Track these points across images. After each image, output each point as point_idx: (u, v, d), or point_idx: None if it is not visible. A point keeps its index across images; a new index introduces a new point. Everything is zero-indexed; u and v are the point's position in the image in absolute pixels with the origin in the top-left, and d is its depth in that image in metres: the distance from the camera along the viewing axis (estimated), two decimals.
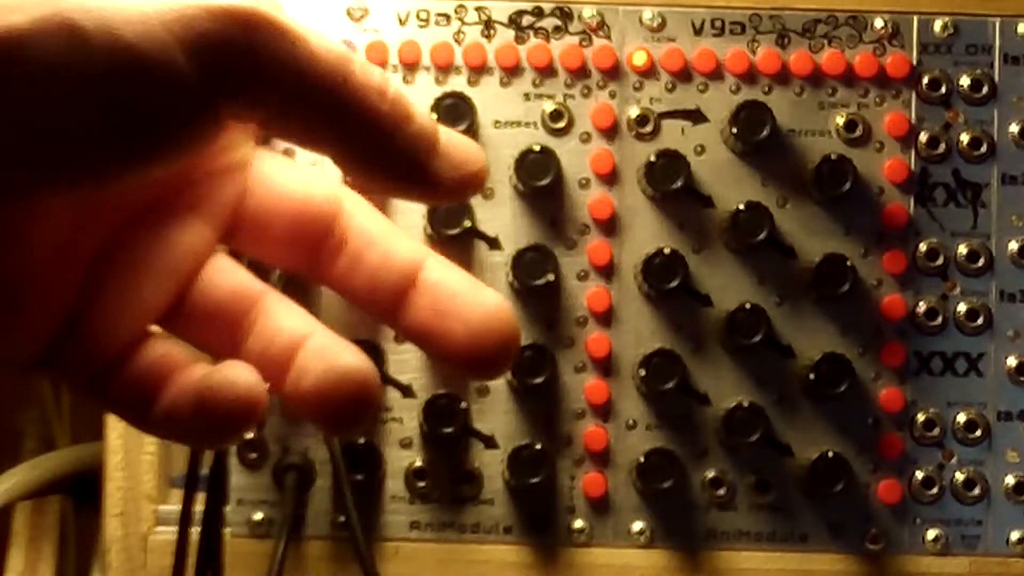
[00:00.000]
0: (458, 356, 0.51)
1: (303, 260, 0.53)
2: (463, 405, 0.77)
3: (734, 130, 0.77)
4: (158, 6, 0.47)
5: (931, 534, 0.78)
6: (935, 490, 0.78)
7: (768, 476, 0.78)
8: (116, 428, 0.77)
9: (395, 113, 0.50)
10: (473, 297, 0.51)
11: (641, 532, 0.78)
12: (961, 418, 0.79)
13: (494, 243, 0.78)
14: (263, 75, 0.48)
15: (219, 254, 0.51)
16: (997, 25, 0.79)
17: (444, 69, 0.78)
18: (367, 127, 0.50)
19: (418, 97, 0.78)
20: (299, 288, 0.77)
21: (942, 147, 0.79)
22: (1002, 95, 0.79)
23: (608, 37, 0.79)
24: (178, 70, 0.46)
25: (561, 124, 0.78)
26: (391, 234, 0.53)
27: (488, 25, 0.79)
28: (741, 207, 0.77)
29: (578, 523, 0.78)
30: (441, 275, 0.52)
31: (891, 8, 0.79)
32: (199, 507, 0.72)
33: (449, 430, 0.77)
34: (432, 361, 0.77)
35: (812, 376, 0.77)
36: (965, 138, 0.79)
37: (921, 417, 0.78)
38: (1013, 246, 0.79)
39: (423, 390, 0.78)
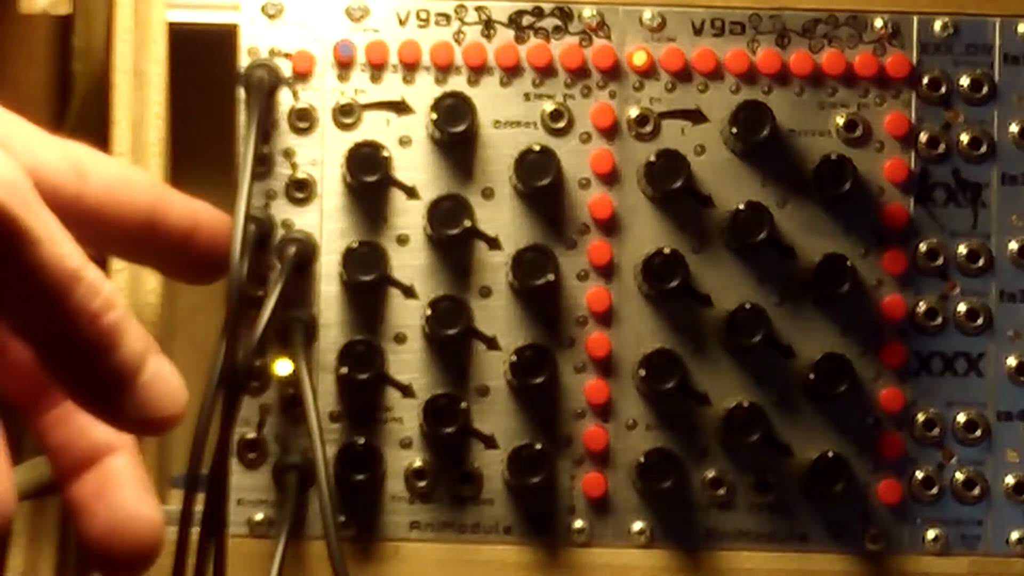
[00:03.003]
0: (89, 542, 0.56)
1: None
2: (463, 405, 0.77)
3: (734, 130, 0.77)
4: None
5: (931, 534, 0.78)
6: (935, 490, 0.78)
7: (768, 476, 0.78)
8: None
9: (99, 341, 0.51)
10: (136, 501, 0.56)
11: (641, 532, 0.78)
12: (961, 418, 0.79)
13: (494, 243, 0.78)
14: None
15: None
16: (997, 25, 0.79)
17: (444, 69, 0.78)
18: (66, 347, 0.51)
19: (418, 97, 0.78)
20: (299, 283, 0.77)
21: (942, 147, 0.79)
22: (1002, 95, 0.79)
23: (608, 37, 0.79)
24: None
25: (561, 124, 0.78)
26: None
27: (488, 25, 0.79)
28: (741, 207, 0.77)
29: (578, 523, 0.78)
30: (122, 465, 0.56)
31: (891, 8, 0.79)
32: (199, 507, 0.72)
33: (449, 430, 0.77)
34: (429, 362, 0.78)
35: (812, 376, 0.77)
36: (965, 138, 0.79)
37: (921, 417, 0.78)
38: (1013, 246, 0.79)
39: (423, 390, 0.78)
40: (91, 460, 0.59)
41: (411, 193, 0.78)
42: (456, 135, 0.77)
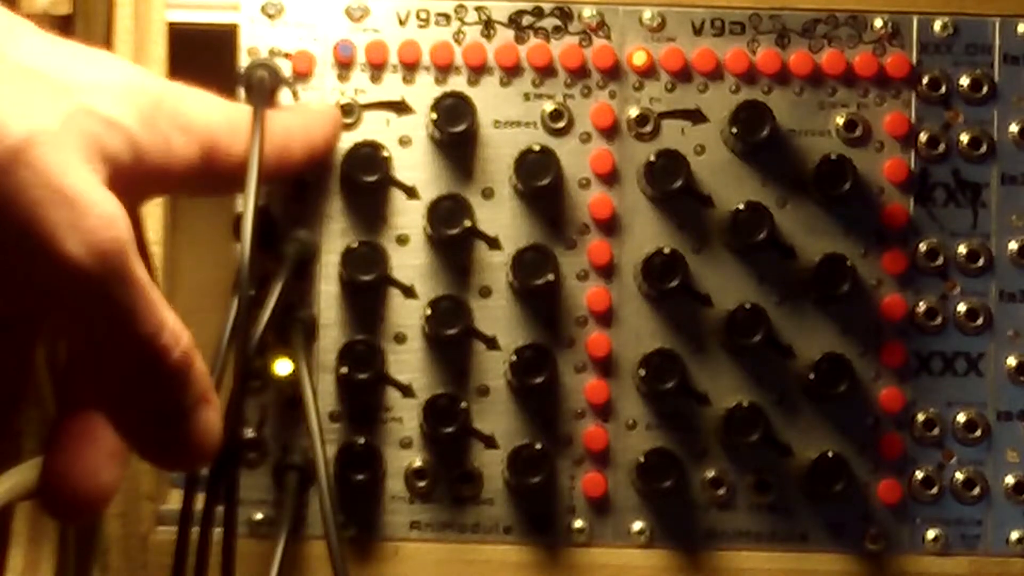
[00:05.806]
0: None
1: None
2: (463, 405, 0.77)
3: (734, 130, 0.77)
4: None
5: (931, 534, 0.78)
6: (935, 490, 0.78)
7: (768, 476, 0.78)
8: None
9: (168, 385, 0.55)
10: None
11: (641, 532, 0.78)
12: (961, 418, 0.79)
13: (494, 243, 0.78)
14: (81, 319, 0.52)
15: None
16: (997, 25, 0.79)
17: (444, 69, 0.78)
18: (136, 385, 0.55)
19: (418, 97, 0.78)
20: (299, 283, 0.77)
21: (942, 147, 0.79)
22: (1002, 95, 0.79)
23: (608, 37, 0.79)
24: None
25: (561, 124, 0.78)
26: None
27: (488, 25, 0.79)
28: (741, 207, 0.77)
29: (578, 523, 0.78)
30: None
31: (891, 8, 0.79)
32: (199, 507, 0.72)
33: (449, 430, 0.77)
34: (429, 362, 0.78)
35: (812, 376, 0.77)
36: (965, 138, 0.79)
37: (921, 417, 0.79)
38: (1013, 246, 0.79)
39: (423, 390, 0.78)
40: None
41: (411, 193, 0.78)
42: (456, 135, 0.77)
